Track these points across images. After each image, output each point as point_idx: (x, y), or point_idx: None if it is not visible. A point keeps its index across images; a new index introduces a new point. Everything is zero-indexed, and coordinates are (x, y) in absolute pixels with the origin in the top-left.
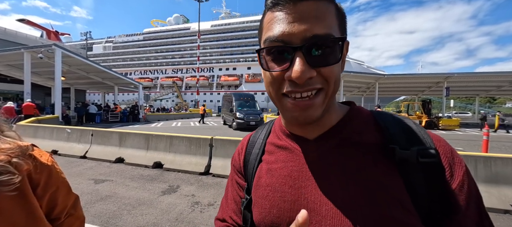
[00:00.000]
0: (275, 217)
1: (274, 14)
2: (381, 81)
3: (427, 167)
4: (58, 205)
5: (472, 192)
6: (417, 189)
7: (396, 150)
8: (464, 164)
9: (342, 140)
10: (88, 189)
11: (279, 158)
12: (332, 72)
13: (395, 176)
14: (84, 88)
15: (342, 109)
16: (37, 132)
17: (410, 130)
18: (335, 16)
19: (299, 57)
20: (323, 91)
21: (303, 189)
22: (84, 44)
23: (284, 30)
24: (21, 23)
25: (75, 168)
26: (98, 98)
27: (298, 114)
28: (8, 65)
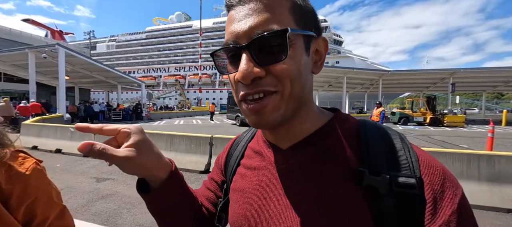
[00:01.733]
0: (242, 223)
1: (229, 14)
2: (384, 77)
3: (402, 198)
4: (37, 216)
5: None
6: (386, 223)
7: (364, 174)
8: (459, 199)
9: (313, 155)
10: (90, 187)
11: (254, 164)
12: (283, 70)
13: (361, 205)
14: (88, 87)
15: (322, 117)
16: (41, 131)
17: (392, 151)
18: (290, 11)
19: (244, 56)
20: (277, 94)
21: (268, 200)
22: (88, 43)
23: (234, 31)
24: (26, 23)
25: (78, 166)
26: (102, 97)
27: (253, 118)
28: (14, 65)
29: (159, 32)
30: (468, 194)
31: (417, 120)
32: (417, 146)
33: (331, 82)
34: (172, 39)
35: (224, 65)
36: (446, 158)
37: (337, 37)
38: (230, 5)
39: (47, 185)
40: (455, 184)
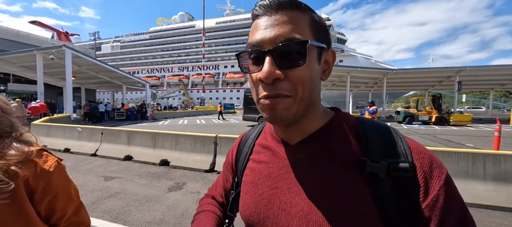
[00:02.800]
0: (254, 211)
1: (255, 22)
2: (389, 76)
3: (398, 181)
4: (56, 212)
5: (450, 206)
6: (386, 203)
7: (366, 163)
8: (444, 176)
9: (319, 148)
10: (99, 186)
11: (263, 159)
12: (299, 76)
13: (364, 191)
14: (94, 87)
15: (326, 116)
16: (49, 130)
17: (388, 142)
18: (309, 25)
19: (268, 59)
20: (290, 98)
21: (278, 189)
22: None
23: (260, 36)
24: (33, 25)
25: (86, 165)
26: (107, 97)
27: (268, 112)
28: (22, 66)
29: (163, 32)
30: (473, 193)
31: (422, 119)
32: (407, 137)
33: (335, 81)
34: (176, 39)
35: (247, 66)
36: (451, 157)
37: (341, 36)
38: (257, 15)
39: (67, 182)
40: (440, 165)
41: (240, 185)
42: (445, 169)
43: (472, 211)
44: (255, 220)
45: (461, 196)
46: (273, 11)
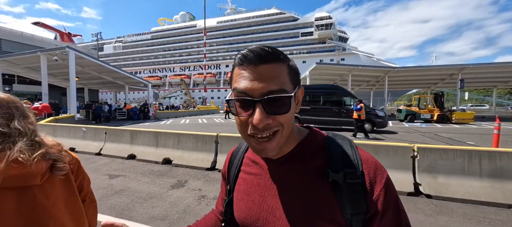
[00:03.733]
0: (247, 215)
1: (240, 71)
2: (391, 74)
3: (352, 186)
4: (84, 190)
5: (389, 201)
6: (345, 204)
7: (329, 173)
8: (385, 179)
9: (295, 163)
10: (104, 183)
11: (252, 171)
12: (285, 118)
13: (329, 195)
14: (97, 88)
15: (300, 135)
16: (55, 130)
17: (345, 155)
18: (287, 74)
19: (258, 108)
20: (279, 132)
21: (266, 197)
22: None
23: (247, 86)
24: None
25: (91, 164)
26: (110, 97)
27: (259, 150)
28: (27, 67)
29: (164, 32)
30: (469, 190)
31: (424, 117)
32: (361, 148)
33: (336, 80)
34: (177, 39)
35: (236, 109)
36: (448, 155)
37: (342, 34)
38: (241, 64)
39: (85, 171)
40: (382, 170)
41: (232, 193)
42: (385, 173)
43: (468, 207)
44: (248, 222)
45: (396, 192)
46: (257, 63)
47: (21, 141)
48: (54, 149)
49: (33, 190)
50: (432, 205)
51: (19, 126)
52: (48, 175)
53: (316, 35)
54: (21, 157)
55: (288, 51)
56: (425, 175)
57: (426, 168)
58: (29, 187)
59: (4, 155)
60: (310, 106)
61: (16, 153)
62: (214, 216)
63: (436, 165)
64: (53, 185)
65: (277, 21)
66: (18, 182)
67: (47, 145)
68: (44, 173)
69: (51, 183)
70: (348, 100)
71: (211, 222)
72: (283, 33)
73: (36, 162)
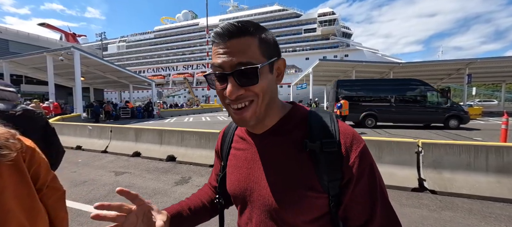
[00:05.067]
0: (237, 186)
1: (214, 48)
2: (396, 70)
3: (329, 155)
4: (40, 178)
5: (363, 168)
6: (322, 172)
7: (307, 143)
8: (361, 148)
9: (278, 137)
10: (110, 180)
11: (241, 146)
12: (257, 88)
13: (308, 164)
14: (102, 87)
15: (284, 110)
16: (62, 129)
17: (325, 127)
18: (258, 47)
19: (230, 81)
20: (254, 102)
21: (252, 169)
22: (100, 44)
23: (219, 61)
24: (42, 27)
25: (97, 161)
26: (115, 97)
27: (237, 120)
28: (33, 68)
29: (167, 31)
30: (475, 185)
31: None
32: (341, 122)
33: (340, 76)
34: (180, 37)
35: (214, 83)
36: (453, 150)
37: (346, 30)
38: (214, 41)
39: (44, 158)
40: (359, 140)
41: (226, 168)
42: (362, 143)
43: (474, 202)
44: (238, 193)
45: (373, 159)
46: (227, 39)
47: None
48: (1, 137)
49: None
50: (436, 200)
51: None
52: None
53: (319, 32)
54: None
55: (290, 48)
56: (429, 170)
57: (431, 163)
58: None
59: None
60: (390, 104)
61: None
62: (209, 189)
63: (441, 160)
64: (1, 172)
65: (280, 17)
66: None
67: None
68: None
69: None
70: (430, 95)
71: (207, 194)
72: (286, 30)
73: None
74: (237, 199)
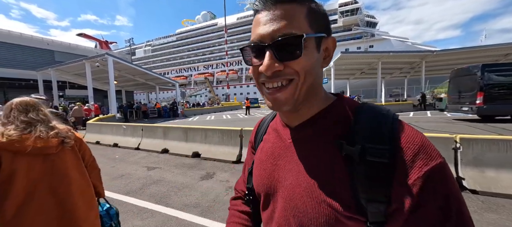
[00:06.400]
0: (260, 182)
1: (256, 17)
2: (428, 59)
3: (373, 166)
4: (85, 159)
5: (432, 195)
6: (359, 187)
7: (343, 145)
8: (431, 167)
9: (313, 131)
10: (143, 174)
11: (270, 139)
12: (299, 65)
13: (343, 172)
14: (132, 89)
15: (326, 101)
16: (101, 128)
17: (374, 127)
18: (305, 17)
19: (268, 53)
20: (293, 82)
21: (278, 166)
22: (129, 50)
23: (260, 32)
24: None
25: (131, 157)
26: (143, 98)
27: (271, 100)
28: (75, 74)
29: (188, 33)
30: None
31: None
32: (408, 124)
33: (364, 69)
34: (200, 39)
35: (250, 58)
36: (498, 146)
37: (370, 19)
38: (256, 10)
39: (87, 146)
40: (431, 156)
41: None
42: (437, 159)
43: None
44: (261, 190)
45: (457, 189)
46: (271, 6)
47: (40, 126)
48: (63, 131)
49: (52, 157)
50: (478, 201)
51: (32, 115)
52: (61, 147)
53: (341, 23)
54: (41, 135)
55: None
56: (469, 168)
57: (471, 160)
58: (50, 154)
59: (31, 135)
60: None
61: (38, 132)
62: (238, 213)
63: (483, 158)
64: (65, 153)
65: None
66: (41, 151)
67: (59, 128)
68: (57, 145)
69: (63, 151)
70: None
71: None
72: None
73: (51, 138)
74: (260, 196)
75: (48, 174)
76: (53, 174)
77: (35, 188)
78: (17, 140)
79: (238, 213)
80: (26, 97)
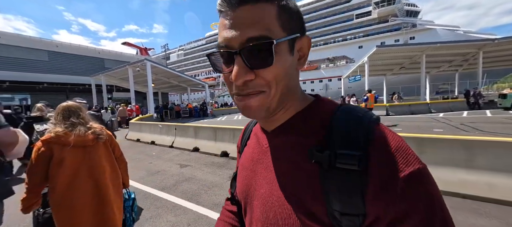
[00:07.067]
0: (240, 189)
1: (221, 19)
2: (487, 49)
3: (344, 174)
4: (115, 152)
5: (415, 202)
6: (332, 199)
7: (313, 152)
8: (411, 171)
9: (288, 137)
10: (177, 172)
11: (251, 144)
12: (271, 73)
13: (315, 181)
14: (167, 91)
15: (304, 103)
16: (141, 127)
17: (351, 130)
18: (276, 17)
19: (237, 61)
20: (264, 93)
21: (255, 172)
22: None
23: (227, 35)
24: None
25: (166, 155)
26: (176, 99)
27: (241, 108)
28: (120, 78)
29: (215, 36)
30: None
31: None
32: (387, 128)
33: (404, 63)
34: None
35: (220, 65)
36: None
37: (411, 8)
38: (220, 11)
39: (117, 142)
40: (408, 161)
41: None
42: (414, 164)
43: None
44: (241, 197)
45: (437, 192)
46: (236, 6)
47: (80, 126)
48: (98, 129)
49: (89, 148)
50: None
51: (73, 119)
52: (96, 142)
53: (376, 14)
54: (81, 133)
55: (340, 37)
56: None
57: None
58: (88, 147)
59: (73, 132)
60: None
61: (78, 131)
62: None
63: None
64: (99, 146)
65: (327, 6)
66: (82, 144)
67: (94, 127)
68: (93, 140)
69: (98, 145)
70: None
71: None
72: (334, 18)
73: (89, 135)
74: (241, 202)
75: (86, 161)
76: (90, 162)
77: (78, 171)
78: (63, 136)
79: (227, 211)
80: (70, 102)
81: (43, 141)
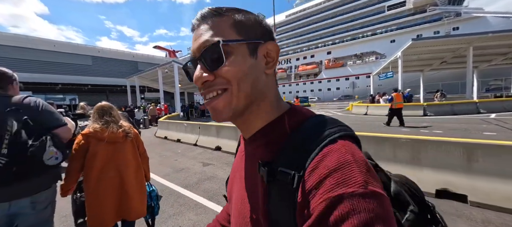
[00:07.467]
0: (227, 192)
1: (192, 36)
2: None
3: (284, 188)
4: (139, 149)
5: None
6: (273, 212)
7: (259, 166)
8: (339, 193)
9: (257, 147)
10: (199, 170)
11: (239, 150)
12: (228, 72)
13: (263, 195)
14: (192, 91)
15: (279, 111)
16: (168, 126)
17: (302, 144)
18: (231, 27)
19: (198, 65)
20: (227, 91)
21: (235, 178)
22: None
23: (193, 47)
24: (155, 49)
25: (191, 152)
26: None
27: (211, 113)
28: (151, 79)
29: None
30: None
31: None
32: (341, 142)
33: (445, 57)
34: None
35: (191, 73)
36: None
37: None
38: (192, 29)
39: (142, 140)
40: (344, 182)
41: None
42: (350, 188)
43: None
44: (228, 200)
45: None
46: (200, 23)
47: (113, 124)
48: (127, 128)
49: (118, 144)
50: None
51: (106, 117)
52: (125, 139)
53: (411, 4)
54: (113, 130)
55: (369, 32)
56: None
57: None
58: (118, 142)
59: (107, 129)
60: None
61: (111, 128)
62: None
63: None
64: (127, 142)
65: None
66: (114, 139)
67: (124, 126)
68: (123, 137)
69: (126, 141)
70: None
71: None
72: (362, 12)
73: (120, 132)
74: None
75: (115, 155)
76: (118, 156)
77: (107, 164)
78: (99, 131)
79: (224, 212)
80: (104, 102)
81: (83, 135)
